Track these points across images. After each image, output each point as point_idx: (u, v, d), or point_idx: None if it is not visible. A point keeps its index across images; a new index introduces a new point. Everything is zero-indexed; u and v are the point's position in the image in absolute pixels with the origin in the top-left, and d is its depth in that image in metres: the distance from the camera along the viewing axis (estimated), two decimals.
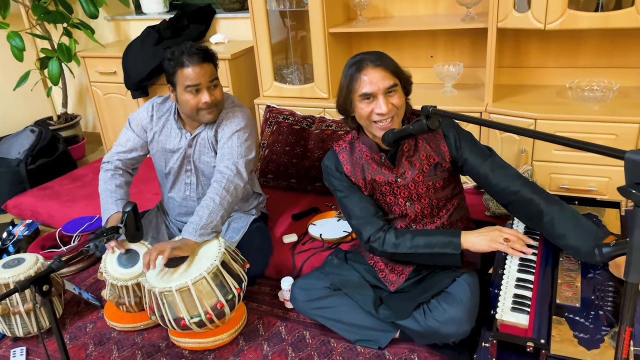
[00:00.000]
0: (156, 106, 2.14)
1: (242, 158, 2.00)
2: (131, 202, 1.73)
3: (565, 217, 1.52)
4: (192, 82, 1.91)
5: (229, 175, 1.94)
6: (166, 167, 2.16)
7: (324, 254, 2.13)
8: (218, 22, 3.49)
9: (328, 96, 2.86)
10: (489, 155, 1.67)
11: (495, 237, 1.58)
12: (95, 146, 4.18)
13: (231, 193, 1.92)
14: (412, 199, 1.73)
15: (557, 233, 1.53)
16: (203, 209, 1.87)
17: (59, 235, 2.56)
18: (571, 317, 1.36)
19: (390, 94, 1.58)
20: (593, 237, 1.47)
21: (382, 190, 1.75)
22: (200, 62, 1.92)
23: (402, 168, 1.71)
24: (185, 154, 2.11)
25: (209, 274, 1.74)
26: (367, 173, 1.74)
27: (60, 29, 3.60)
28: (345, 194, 1.77)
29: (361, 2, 2.79)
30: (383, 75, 1.57)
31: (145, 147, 2.17)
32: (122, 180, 2.13)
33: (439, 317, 1.61)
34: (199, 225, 1.83)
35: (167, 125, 2.12)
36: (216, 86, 1.99)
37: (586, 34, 2.53)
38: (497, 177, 1.62)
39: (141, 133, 2.14)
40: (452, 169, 1.72)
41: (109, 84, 3.50)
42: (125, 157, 2.16)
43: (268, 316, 2.03)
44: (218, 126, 2.07)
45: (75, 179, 3.22)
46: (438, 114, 1.33)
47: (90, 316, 2.14)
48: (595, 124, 2.23)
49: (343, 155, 1.78)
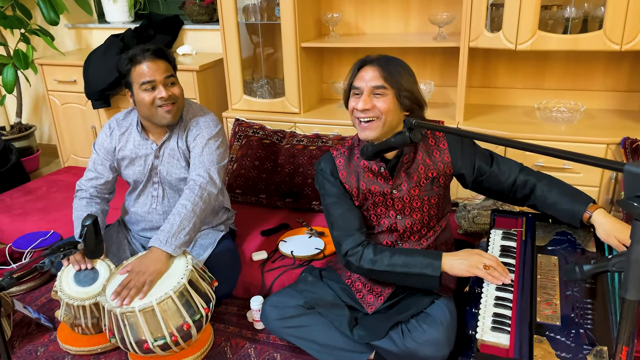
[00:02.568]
0: (117, 122, 2.06)
1: (215, 165, 1.94)
2: (91, 214, 1.62)
3: (554, 186, 1.64)
4: (146, 78, 1.86)
5: (201, 182, 1.87)
6: (132, 179, 2.07)
7: (296, 272, 2.06)
8: (185, 34, 3.41)
9: (299, 111, 2.81)
10: (492, 157, 1.70)
11: (475, 262, 1.54)
12: (50, 159, 3.99)
13: (204, 200, 1.84)
14: (404, 212, 1.69)
15: (548, 202, 1.63)
16: (174, 216, 1.78)
17: (9, 251, 2.39)
18: (552, 335, 1.33)
19: (377, 95, 1.55)
20: (584, 201, 1.59)
21: (375, 200, 1.70)
22: (153, 58, 1.87)
23: (399, 179, 1.67)
24: (152, 165, 2.01)
25: (175, 292, 1.63)
26: (362, 182, 1.70)
27: (17, 34, 3.43)
28: (334, 200, 1.71)
29: (333, 17, 2.78)
30: (375, 75, 1.55)
31: (114, 169, 2.08)
32: (97, 209, 2.02)
33: (417, 339, 1.55)
34: (170, 233, 1.73)
35: (130, 138, 2.04)
36: (174, 84, 1.92)
37: (552, 57, 2.59)
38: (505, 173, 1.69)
39: (106, 155, 2.05)
40: (447, 185, 1.71)
41: (68, 93, 3.35)
42: (97, 183, 2.06)
43: (236, 338, 1.93)
44: (188, 133, 1.99)
45: (28, 191, 3.04)
46: (421, 126, 1.30)
47: (41, 339, 1.98)
48: (564, 143, 2.27)
49: (340, 160, 1.73)
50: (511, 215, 1.82)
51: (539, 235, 1.68)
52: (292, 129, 2.79)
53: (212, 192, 1.89)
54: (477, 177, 1.70)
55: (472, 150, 1.70)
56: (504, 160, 1.71)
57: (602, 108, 2.60)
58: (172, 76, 1.92)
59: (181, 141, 2.00)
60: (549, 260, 1.58)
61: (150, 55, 1.87)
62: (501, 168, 1.68)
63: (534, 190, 1.67)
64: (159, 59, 1.89)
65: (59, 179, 3.19)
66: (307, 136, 2.65)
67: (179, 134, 2.00)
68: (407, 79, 1.58)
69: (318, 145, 2.60)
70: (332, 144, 2.58)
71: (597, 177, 2.28)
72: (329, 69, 3.04)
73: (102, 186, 2.07)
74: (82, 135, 3.43)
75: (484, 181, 1.70)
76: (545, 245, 1.63)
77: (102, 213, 2.04)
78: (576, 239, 1.67)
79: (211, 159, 1.94)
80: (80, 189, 2.07)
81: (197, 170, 1.91)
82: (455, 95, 2.68)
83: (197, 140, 1.96)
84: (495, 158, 1.71)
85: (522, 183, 1.69)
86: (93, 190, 2.05)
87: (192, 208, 1.81)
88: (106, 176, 2.06)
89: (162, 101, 1.88)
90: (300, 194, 2.56)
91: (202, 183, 1.87)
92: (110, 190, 2.13)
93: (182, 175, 2.02)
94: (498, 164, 1.69)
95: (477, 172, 1.69)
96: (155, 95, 1.87)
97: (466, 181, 1.72)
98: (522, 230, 1.73)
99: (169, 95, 1.88)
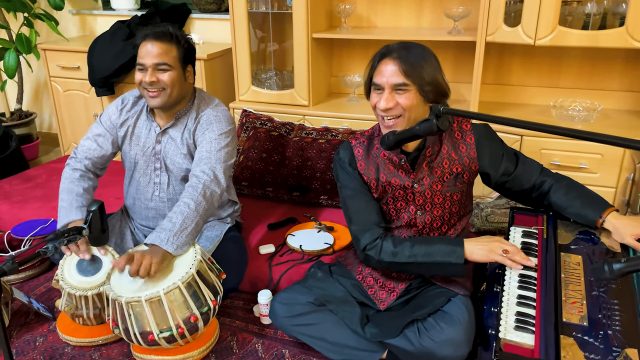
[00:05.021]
0: (132, 99, 1.99)
1: (221, 163, 1.86)
2: (98, 200, 1.55)
3: (571, 189, 1.61)
4: (140, 59, 1.82)
5: (205, 180, 1.79)
6: (135, 164, 2.00)
7: (304, 267, 2.00)
8: (193, 22, 3.34)
9: (308, 103, 2.75)
10: (516, 157, 1.65)
11: (495, 247, 1.50)
12: (50, 147, 3.91)
13: (207, 199, 1.76)
14: (425, 208, 1.63)
15: (563, 205, 1.60)
16: (176, 215, 1.70)
17: (8, 238, 2.31)
18: (579, 336, 1.27)
19: (399, 92, 1.48)
20: (600, 206, 1.56)
21: (395, 194, 1.64)
22: (153, 40, 1.81)
23: (421, 173, 1.60)
24: (154, 149, 1.95)
25: (183, 283, 1.57)
26: (382, 174, 1.63)
27: (20, 18, 3.35)
28: (352, 194, 1.65)
29: (346, 9, 2.72)
30: (395, 70, 1.47)
31: (115, 144, 2.00)
32: (90, 185, 1.94)
33: (435, 337, 1.49)
34: (172, 232, 1.65)
35: (141, 117, 1.98)
36: (164, 71, 1.82)
37: (568, 55, 2.54)
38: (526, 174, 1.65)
39: (110, 127, 1.98)
40: (471, 182, 1.66)
41: (71, 79, 3.27)
42: (94, 155, 1.98)
43: (242, 332, 1.86)
44: (197, 126, 1.92)
45: (27, 179, 2.96)
46: (449, 112, 1.24)
47: (40, 329, 1.91)
48: (581, 142, 2.21)
49: (359, 150, 1.67)
50: (531, 212, 1.76)
51: (561, 234, 1.63)
52: (300, 122, 2.73)
53: (216, 192, 1.81)
54: (502, 178, 1.65)
55: (500, 149, 1.64)
56: (526, 161, 1.66)
57: (618, 108, 2.55)
58: (164, 64, 1.81)
59: (188, 132, 1.93)
60: (573, 259, 1.52)
61: (151, 37, 1.81)
62: (524, 169, 1.64)
63: (551, 191, 1.63)
64: (159, 41, 1.81)
65: (59, 167, 3.10)
66: (316, 129, 2.59)
67: (186, 124, 1.94)
68: (429, 70, 1.50)
69: (327, 138, 2.54)
70: (342, 137, 2.52)
71: (613, 178, 2.23)
72: (339, 61, 2.98)
73: (98, 159, 1.99)
74: (83, 123, 3.36)
75: (508, 182, 1.65)
76: (568, 244, 1.58)
77: (92, 190, 1.96)
78: (600, 238, 1.62)
79: (218, 156, 1.85)
80: (74, 157, 1.99)
81: (202, 167, 1.83)
82: (468, 92, 2.63)
83: (205, 134, 1.89)
84: (519, 158, 1.66)
85: (540, 184, 1.65)
86: (88, 163, 1.97)
87: (195, 207, 1.72)
88: (105, 149, 1.98)
89: (147, 85, 1.83)
90: (308, 188, 2.50)
91: (206, 181, 1.79)
92: (103, 167, 2.05)
93: (185, 166, 1.95)
94: (522, 165, 1.64)
95: (502, 173, 1.64)
96: (143, 77, 1.83)
97: (490, 181, 1.67)
98: (543, 228, 1.67)
99: (151, 82, 1.81)
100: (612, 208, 1.56)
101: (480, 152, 1.60)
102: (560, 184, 1.63)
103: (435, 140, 1.58)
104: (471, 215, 1.77)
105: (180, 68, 1.86)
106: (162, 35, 1.82)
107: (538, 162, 1.68)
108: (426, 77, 1.48)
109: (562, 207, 1.62)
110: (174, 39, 1.84)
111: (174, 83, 1.85)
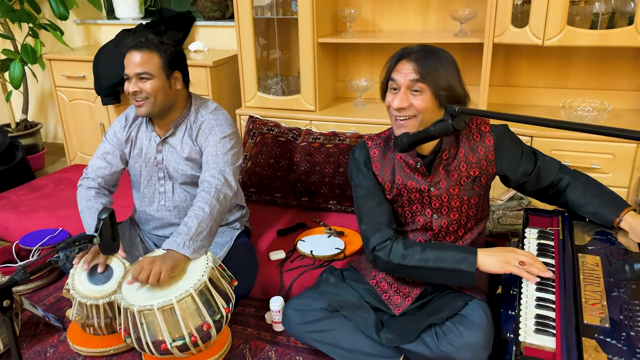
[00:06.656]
0: (132, 114, 2.00)
1: (230, 166, 1.86)
2: (108, 207, 1.54)
3: (589, 187, 1.59)
4: (125, 70, 1.82)
5: (216, 184, 1.79)
6: (139, 175, 2.00)
7: (315, 272, 1.98)
8: (197, 30, 3.34)
9: (315, 108, 2.74)
10: (535, 156, 1.64)
11: (510, 259, 1.47)
12: (56, 157, 3.90)
13: (221, 203, 1.76)
14: (441, 212, 1.61)
15: (580, 204, 1.58)
16: (191, 219, 1.69)
17: (16, 248, 2.30)
18: (602, 338, 1.25)
19: (414, 93, 1.47)
20: (618, 206, 1.54)
21: (410, 197, 1.62)
22: (133, 51, 1.80)
23: (437, 177, 1.58)
24: (156, 159, 1.95)
25: (196, 290, 1.55)
26: (398, 176, 1.61)
27: (25, 28, 3.36)
28: (365, 193, 1.63)
29: (351, 14, 2.71)
30: (412, 72, 1.46)
31: (124, 159, 2.01)
32: (107, 201, 1.95)
33: (454, 342, 1.46)
34: (188, 235, 1.64)
35: (141, 129, 1.98)
36: (145, 79, 1.80)
37: (576, 55, 2.53)
38: (545, 172, 1.63)
39: (117, 144, 1.99)
40: (489, 185, 1.64)
41: (77, 89, 3.27)
42: (105, 173, 1.98)
43: (255, 340, 1.84)
44: (199, 132, 1.91)
45: (34, 189, 2.95)
46: (464, 112, 1.22)
47: (50, 339, 1.89)
48: (593, 142, 2.20)
49: (374, 152, 1.65)
50: (546, 213, 1.74)
51: (578, 235, 1.61)
52: (307, 127, 2.72)
53: (228, 194, 1.81)
54: (522, 178, 1.63)
55: (518, 149, 1.62)
56: (545, 159, 1.64)
57: (628, 108, 2.53)
58: (145, 73, 1.79)
59: (188, 139, 1.92)
60: (591, 260, 1.50)
61: (132, 47, 1.81)
62: (544, 167, 1.62)
63: (568, 189, 1.61)
64: (139, 51, 1.80)
65: (66, 176, 3.11)
66: (323, 134, 2.58)
67: (185, 131, 1.93)
68: (445, 75, 1.48)
69: (335, 143, 2.52)
70: (349, 141, 2.50)
71: (626, 178, 2.21)
72: (345, 66, 2.98)
73: (110, 176, 1.99)
74: (89, 133, 3.35)
75: (527, 182, 1.64)
76: (585, 245, 1.56)
77: (110, 205, 1.96)
78: (617, 239, 1.60)
79: (225, 159, 1.86)
80: (86, 177, 1.99)
81: (211, 172, 1.83)
82: (475, 94, 2.61)
83: (209, 139, 1.89)
84: (538, 157, 1.64)
85: (557, 181, 1.63)
86: (100, 181, 1.98)
87: (210, 211, 1.72)
88: (115, 166, 1.99)
89: (132, 95, 1.83)
90: (316, 193, 2.48)
91: (218, 185, 1.79)
92: (115, 183, 2.06)
93: (189, 172, 1.95)
94: (542, 163, 1.63)
95: (522, 173, 1.62)
96: (127, 88, 1.83)
97: (509, 181, 1.65)
98: (559, 229, 1.65)
99: (134, 92, 1.81)
100: (629, 207, 1.54)
101: (499, 155, 1.58)
102: (578, 181, 1.61)
103: (452, 142, 1.56)
104: (488, 218, 1.75)
105: (164, 75, 1.83)
106: (141, 44, 1.81)
107: (557, 160, 1.66)
108: (441, 82, 1.47)
109: (579, 205, 1.60)
110: (154, 46, 1.83)
111: (157, 91, 1.83)
